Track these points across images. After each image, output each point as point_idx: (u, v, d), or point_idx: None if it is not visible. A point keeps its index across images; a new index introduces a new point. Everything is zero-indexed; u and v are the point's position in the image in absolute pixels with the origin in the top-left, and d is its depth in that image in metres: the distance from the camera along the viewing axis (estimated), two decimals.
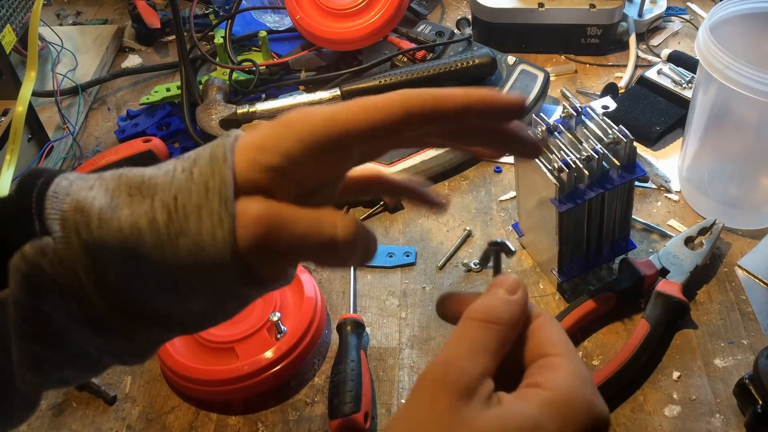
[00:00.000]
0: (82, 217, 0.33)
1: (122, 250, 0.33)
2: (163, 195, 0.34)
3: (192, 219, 0.34)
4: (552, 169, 0.62)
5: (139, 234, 0.33)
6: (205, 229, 0.34)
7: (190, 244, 0.34)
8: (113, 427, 0.64)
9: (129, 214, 0.34)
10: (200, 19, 1.10)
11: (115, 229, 0.33)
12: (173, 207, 0.34)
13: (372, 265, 0.76)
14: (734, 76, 0.65)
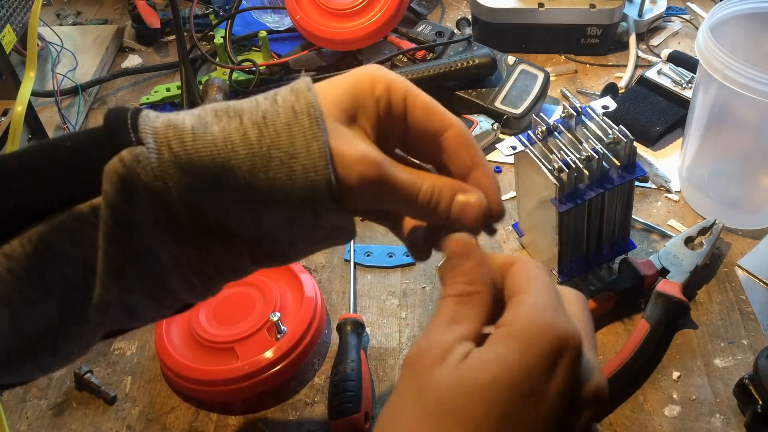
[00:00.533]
0: (174, 132, 0.35)
1: (214, 163, 0.35)
2: (251, 115, 0.36)
3: (283, 135, 0.36)
4: (552, 169, 0.62)
5: (232, 147, 0.35)
6: (297, 140, 0.36)
7: (282, 155, 0.36)
8: (113, 427, 0.64)
9: (220, 130, 0.36)
10: (200, 19, 1.10)
11: (208, 142, 0.35)
12: (263, 124, 0.36)
13: (372, 265, 0.76)
14: (734, 76, 0.65)
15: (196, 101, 0.93)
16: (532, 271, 0.35)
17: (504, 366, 0.30)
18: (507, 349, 0.31)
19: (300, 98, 0.37)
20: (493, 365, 0.30)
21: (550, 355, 0.30)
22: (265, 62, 0.99)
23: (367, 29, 0.96)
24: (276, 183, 0.36)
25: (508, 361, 0.30)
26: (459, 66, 0.88)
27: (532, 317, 0.32)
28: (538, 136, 0.65)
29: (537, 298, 0.33)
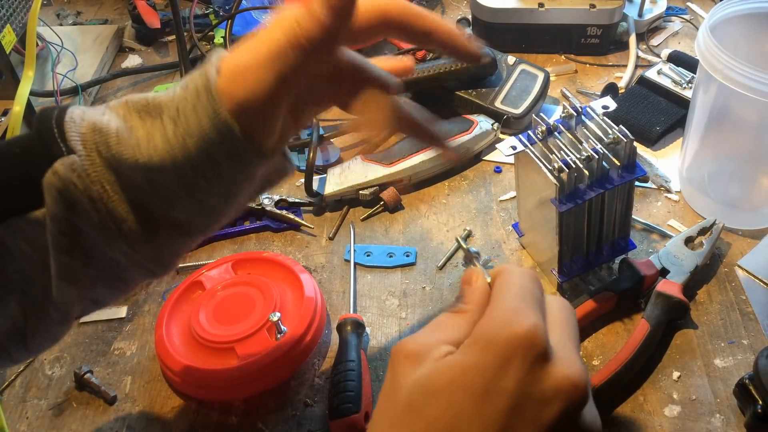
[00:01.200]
0: (100, 137, 0.37)
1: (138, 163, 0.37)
2: (168, 111, 0.39)
3: (192, 120, 0.38)
4: (552, 169, 0.62)
5: (154, 147, 0.37)
6: (202, 120, 0.38)
7: (197, 140, 0.38)
8: (113, 427, 0.64)
9: (145, 133, 0.38)
10: (200, 19, 1.10)
11: (133, 146, 0.37)
12: (176, 116, 0.38)
13: (372, 265, 0.76)
14: (734, 76, 0.65)
15: None
16: (510, 279, 0.36)
17: (461, 369, 0.32)
18: (466, 353, 0.32)
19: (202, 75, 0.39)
20: (452, 368, 0.32)
21: (503, 355, 0.31)
22: None
23: None
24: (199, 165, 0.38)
25: (465, 364, 0.32)
26: (459, 66, 0.88)
27: (491, 322, 0.33)
28: (538, 136, 0.65)
29: (502, 305, 0.34)
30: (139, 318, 0.73)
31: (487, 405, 0.30)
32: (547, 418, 0.31)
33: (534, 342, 0.31)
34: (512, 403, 0.30)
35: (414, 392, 0.32)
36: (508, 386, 0.30)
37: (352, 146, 0.90)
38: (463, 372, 0.31)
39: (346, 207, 0.83)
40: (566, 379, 0.31)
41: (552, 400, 0.31)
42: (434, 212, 0.82)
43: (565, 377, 0.31)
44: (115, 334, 0.72)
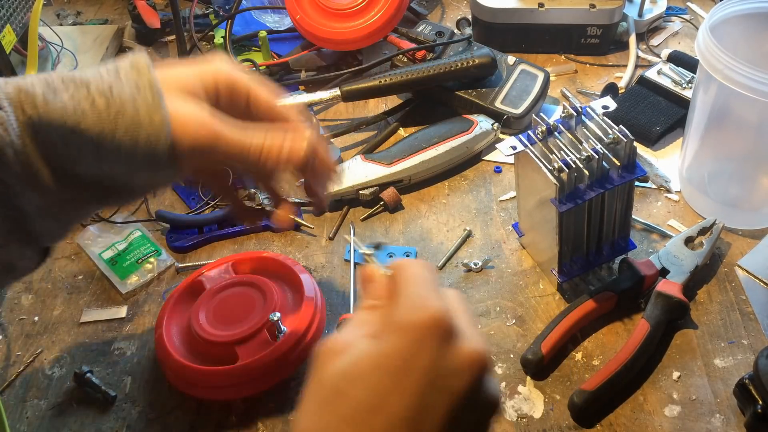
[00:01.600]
0: (26, 97, 0.41)
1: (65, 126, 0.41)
2: (98, 85, 0.43)
3: (128, 105, 0.42)
4: (552, 169, 0.62)
5: (82, 113, 0.42)
6: (141, 112, 0.42)
7: (128, 122, 0.42)
8: (113, 427, 0.64)
9: (70, 97, 0.42)
10: (200, 19, 1.10)
11: (59, 108, 0.41)
12: (110, 94, 0.42)
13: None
14: (734, 76, 0.65)
15: None
16: (413, 271, 0.39)
17: (382, 353, 0.35)
18: (384, 339, 0.35)
19: (142, 75, 0.44)
20: (373, 354, 0.35)
21: (416, 337, 0.35)
22: (265, 62, 0.99)
23: (367, 29, 0.96)
24: (121, 146, 0.42)
25: (384, 348, 0.35)
26: (459, 66, 0.88)
27: (402, 310, 0.36)
28: (538, 136, 0.65)
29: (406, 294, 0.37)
30: (139, 318, 0.73)
31: (406, 381, 0.34)
32: (458, 387, 0.34)
33: (442, 323, 0.35)
34: (428, 378, 0.34)
35: (339, 379, 0.35)
36: (423, 363, 0.34)
37: None
38: (383, 356, 0.35)
39: (346, 207, 0.83)
40: (472, 352, 0.35)
41: (461, 371, 0.34)
42: (434, 212, 0.82)
43: (471, 350, 0.35)
44: (115, 334, 0.72)
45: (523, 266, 0.75)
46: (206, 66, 0.47)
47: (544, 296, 0.72)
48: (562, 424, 0.62)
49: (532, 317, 0.70)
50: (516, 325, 0.70)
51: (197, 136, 0.43)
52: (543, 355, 0.64)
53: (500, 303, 0.72)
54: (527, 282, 0.74)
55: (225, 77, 0.46)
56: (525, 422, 0.62)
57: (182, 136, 0.43)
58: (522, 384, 0.65)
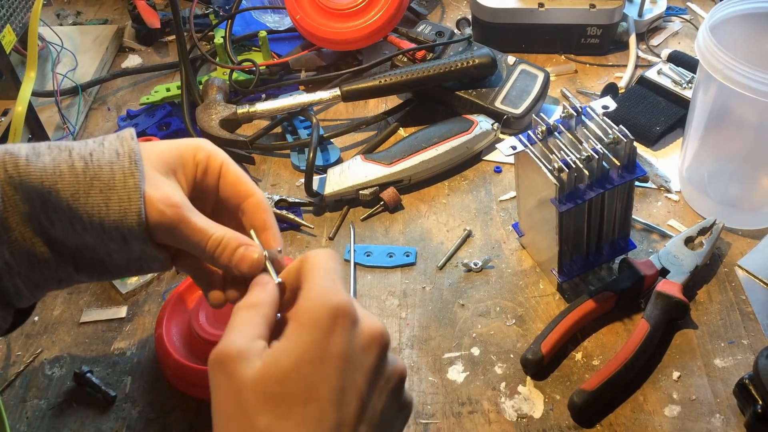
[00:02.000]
0: (10, 158, 0.43)
1: (42, 186, 0.43)
2: (80, 151, 0.45)
3: (105, 169, 0.44)
4: (552, 169, 0.62)
5: (60, 174, 0.43)
6: (117, 175, 0.44)
7: (102, 185, 0.44)
8: (113, 427, 0.64)
9: (51, 160, 0.44)
10: (200, 19, 1.10)
11: (39, 168, 0.43)
12: (89, 159, 0.44)
13: (372, 265, 0.76)
14: (734, 76, 0.65)
15: (196, 101, 0.93)
16: (314, 262, 0.42)
17: (300, 348, 0.38)
18: (297, 335, 0.39)
19: (124, 144, 0.45)
20: (290, 351, 0.38)
21: (327, 327, 0.38)
22: (265, 62, 0.99)
23: (367, 29, 0.96)
24: (93, 208, 0.44)
25: (301, 343, 0.38)
26: (459, 66, 0.88)
27: (309, 303, 0.40)
28: (538, 136, 0.65)
29: (312, 287, 0.41)
30: (139, 318, 0.73)
31: (328, 367, 0.38)
32: (369, 362, 0.39)
33: (347, 312, 0.39)
34: (345, 360, 0.38)
35: (260, 384, 0.37)
36: (338, 349, 0.38)
37: None
38: (302, 350, 0.38)
39: (346, 207, 0.83)
40: (374, 329, 0.40)
41: (370, 347, 0.40)
42: (434, 212, 0.82)
43: (373, 329, 0.40)
44: (115, 334, 0.72)
45: (523, 266, 0.75)
46: (188, 141, 0.49)
47: (544, 296, 0.72)
48: (562, 424, 0.62)
49: (532, 317, 0.70)
50: (516, 325, 0.70)
51: (163, 213, 0.45)
52: (543, 355, 0.64)
53: (500, 303, 0.72)
54: (527, 282, 0.74)
55: (204, 151, 0.49)
56: (525, 422, 0.62)
57: (149, 209, 0.44)
58: (522, 384, 0.65)
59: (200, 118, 0.89)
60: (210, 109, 0.89)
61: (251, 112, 0.89)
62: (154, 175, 0.46)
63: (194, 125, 0.90)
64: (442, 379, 0.66)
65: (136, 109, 0.98)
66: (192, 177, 0.49)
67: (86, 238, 0.45)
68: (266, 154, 0.91)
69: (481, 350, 0.68)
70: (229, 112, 0.89)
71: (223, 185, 0.50)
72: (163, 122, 0.93)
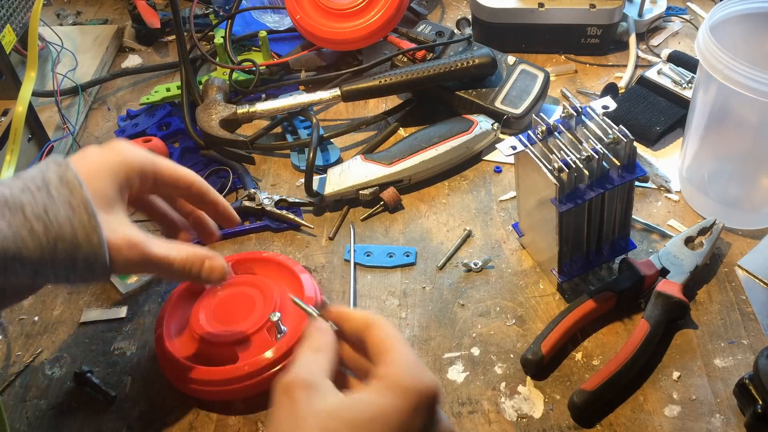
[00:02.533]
0: None
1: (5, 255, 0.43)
2: (32, 208, 0.44)
3: (65, 228, 0.44)
4: (552, 169, 0.62)
5: (22, 241, 0.43)
6: (79, 234, 0.45)
7: (67, 245, 0.44)
8: (113, 427, 0.64)
9: (8, 225, 0.43)
10: (200, 19, 1.10)
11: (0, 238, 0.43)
12: (47, 219, 0.44)
13: (372, 265, 0.76)
14: (734, 76, 0.65)
15: (196, 101, 0.93)
16: (390, 332, 0.44)
17: (380, 409, 0.39)
18: (385, 397, 0.40)
19: (75, 194, 0.46)
20: (373, 406, 0.39)
21: (415, 402, 0.39)
22: (265, 62, 0.99)
23: (367, 29, 0.96)
24: (60, 269, 0.45)
25: (385, 405, 0.39)
26: (459, 66, 0.88)
27: (404, 373, 0.40)
28: (538, 136, 0.65)
29: (402, 357, 0.42)
30: (139, 318, 0.73)
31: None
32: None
33: (436, 395, 0.40)
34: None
35: (329, 420, 0.38)
36: (417, 426, 0.39)
37: None
38: (382, 412, 0.39)
39: (346, 207, 0.83)
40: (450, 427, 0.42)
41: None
42: (434, 212, 0.82)
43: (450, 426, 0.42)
44: (115, 334, 0.72)
45: (523, 266, 0.75)
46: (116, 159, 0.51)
47: (544, 296, 0.72)
48: (562, 424, 0.62)
49: (532, 317, 0.70)
50: (516, 325, 0.70)
51: (129, 256, 0.48)
52: (543, 355, 0.64)
53: (500, 303, 0.72)
54: (527, 282, 0.74)
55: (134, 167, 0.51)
56: (525, 422, 0.62)
57: (116, 257, 0.47)
58: (522, 384, 0.65)
59: (200, 118, 0.89)
60: (210, 109, 0.89)
61: (251, 112, 0.89)
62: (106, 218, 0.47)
63: (194, 125, 0.90)
64: (442, 379, 0.66)
65: (136, 109, 0.98)
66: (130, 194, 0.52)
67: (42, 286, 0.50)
68: (266, 154, 0.91)
69: (481, 350, 0.68)
70: (229, 112, 0.89)
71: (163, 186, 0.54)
72: (163, 122, 0.94)
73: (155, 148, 0.86)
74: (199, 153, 0.90)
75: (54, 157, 0.51)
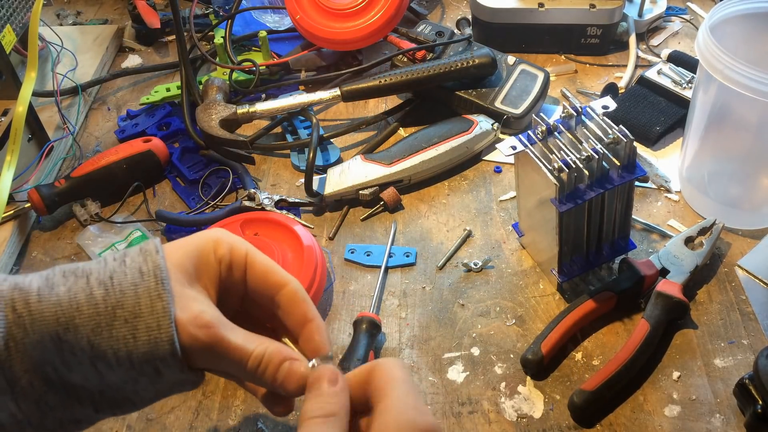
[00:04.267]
0: (20, 294, 0.38)
1: (58, 323, 0.37)
2: (99, 275, 0.39)
3: (129, 293, 0.39)
4: (552, 169, 0.62)
5: (77, 306, 0.38)
6: (143, 300, 0.39)
7: (127, 314, 0.38)
8: (113, 427, 0.64)
9: (66, 290, 0.38)
10: (200, 19, 1.10)
11: (53, 303, 0.38)
12: (109, 284, 0.39)
13: (372, 264, 0.76)
14: (734, 76, 0.65)
15: (196, 101, 0.93)
16: (391, 373, 0.40)
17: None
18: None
19: (148, 260, 0.40)
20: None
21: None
22: (265, 62, 0.99)
23: (367, 29, 0.96)
24: (119, 341, 0.38)
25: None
26: (459, 66, 0.88)
27: (396, 418, 0.38)
28: (538, 136, 0.65)
29: (398, 403, 0.38)
30: None
31: None
32: None
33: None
34: None
35: None
36: None
37: None
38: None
39: (346, 207, 0.83)
40: None
41: None
42: (434, 212, 0.82)
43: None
44: None
45: (523, 266, 0.75)
46: (205, 235, 0.45)
47: (544, 296, 0.72)
48: (562, 424, 0.62)
49: (532, 317, 0.70)
50: (516, 325, 0.70)
51: (197, 337, 0.40)
52: (543, 355, 0.64)
53: (500, 303, 0.72)
54: (527, 282, 0.74)
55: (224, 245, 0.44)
56: (525, 422, 0.62)
57: (182, 334, 0.39)
58: (522, 384, 0.65)
59: (200, 118, 0.89)
60: (210, 109, 0.89)
61: (251, 112, 0.89)
62: (181, 291, 0.40)
63: (194, 125, 0.90)
64: (442, 379, 0.66)
65: (136, 109, 0.98)
66: (216, 278, 0.43)
67: (111, 378, 0.40)
68: (266, 154, 0.91)
69: (481, 350, 0.68)
70: (229, 112, 0.89)
71: (252, 278, 0.45)
72: (163, 122, 0.94)
73: (155, 149, 0.86)
74: (199, 153, 0.90)
75: None
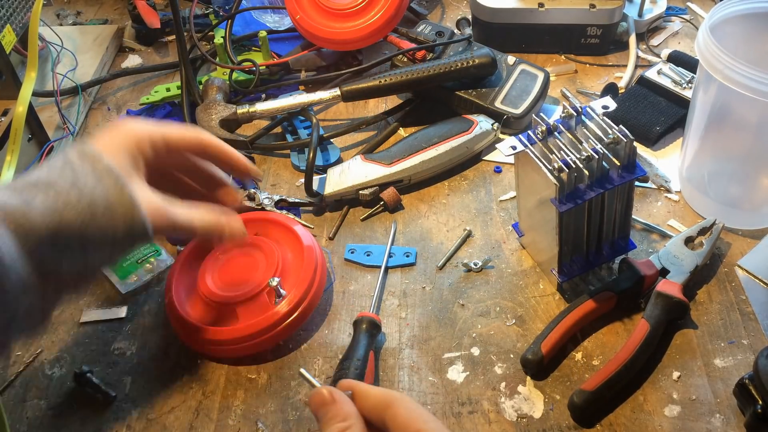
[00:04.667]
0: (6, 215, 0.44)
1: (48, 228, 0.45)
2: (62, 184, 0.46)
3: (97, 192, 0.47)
4: (552, 169, 0.62)
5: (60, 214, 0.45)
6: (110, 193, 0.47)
7: (102, 207, 0.47)
8: (113, 427, 0.64)
9: (42, 201, 0.45)
10: (200, 19, 1.10)
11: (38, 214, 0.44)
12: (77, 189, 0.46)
13: (372, 264, 0.76)
14: (734, 76, 0.65)
15: (196, 101, 0.93)
16: (415, 413, 0.41)
17: None
18: None
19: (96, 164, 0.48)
20: None
21: None
22: (265, 62, 0.99)
23: (367, 29, 0.96)
24: (103, 229, 0.47)
25: None
26: (459, 66, 0.88)
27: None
28: (538, 136, 0.65)
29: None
30: (138, 318, 0.73)
31: None
32: None
33: None
34: None
35: None
36: None
37: None
38: None
39: (346, 207, 0.83)
40: None
41: None
42: (434, 212, 0.82)
43: None
44: (115, 334, 0.72)
45: (523, 266, 0.75)
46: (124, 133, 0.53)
47: (544, 296, 0.72)
48: (562, 424, 0.62)
49: (532, 317, 0.70)
50: (516, 325, 0.70)
51: (156, 220, 0.50)
52: (543, 355, 0.64)
53: (500, 303, 0.72)
54: (527, 282, 0.74)
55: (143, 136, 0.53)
56: (525, 422, 0.62)
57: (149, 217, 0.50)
58: (522, 384, 0.65)
59: (200, 118, 0.89)
60: (210, 109, 0.89)
61: (251, 112, 0.89)
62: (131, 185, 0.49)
63: (194, 125, 0.90)
64: (442, 379, 0.66)
65: (136, 109, 0.98)
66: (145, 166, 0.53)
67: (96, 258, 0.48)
68: (266, 154, 0.91)
69: (481, 350, 0.68)
70: (229, 112, 0.89)
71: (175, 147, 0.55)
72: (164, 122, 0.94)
73: None
74: None
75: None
